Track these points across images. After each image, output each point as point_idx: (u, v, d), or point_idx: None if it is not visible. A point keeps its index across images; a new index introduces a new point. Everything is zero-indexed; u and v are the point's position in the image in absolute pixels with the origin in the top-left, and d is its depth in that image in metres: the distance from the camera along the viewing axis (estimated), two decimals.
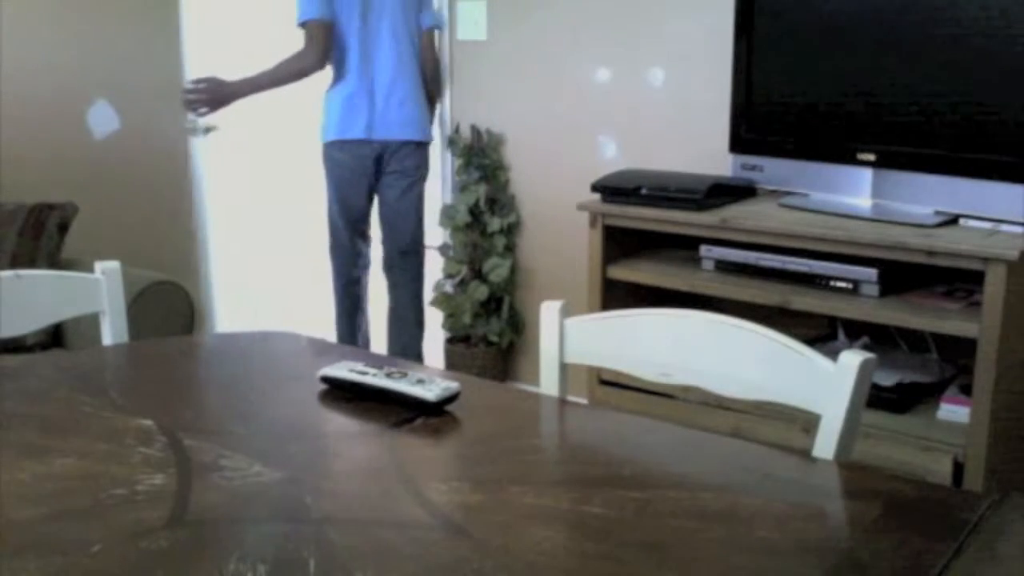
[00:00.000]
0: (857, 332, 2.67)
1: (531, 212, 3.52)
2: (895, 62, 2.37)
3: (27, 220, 2.99)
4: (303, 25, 3.26)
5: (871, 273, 2.34)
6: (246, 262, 4.20)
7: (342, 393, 1.41)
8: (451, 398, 1.35)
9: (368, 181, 3.43)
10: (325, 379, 1.42)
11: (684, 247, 2.81)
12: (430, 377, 1.37)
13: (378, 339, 3.92)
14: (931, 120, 2.34)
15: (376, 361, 1.45)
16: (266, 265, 4.30)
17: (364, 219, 3.49)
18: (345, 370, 1.41)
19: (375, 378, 1.37)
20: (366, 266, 3.56)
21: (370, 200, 3.48)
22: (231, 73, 3.36)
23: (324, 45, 3.27)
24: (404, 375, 1.37)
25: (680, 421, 1.47)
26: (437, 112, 3.62)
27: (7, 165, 3.39)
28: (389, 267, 3.50)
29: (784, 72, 2.59)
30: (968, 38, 2.25)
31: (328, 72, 3.38)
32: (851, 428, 1.26)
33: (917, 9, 2.32)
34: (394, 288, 3.50)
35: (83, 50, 3.59)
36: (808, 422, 2.30)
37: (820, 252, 2.38)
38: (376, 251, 3.55)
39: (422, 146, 3.42)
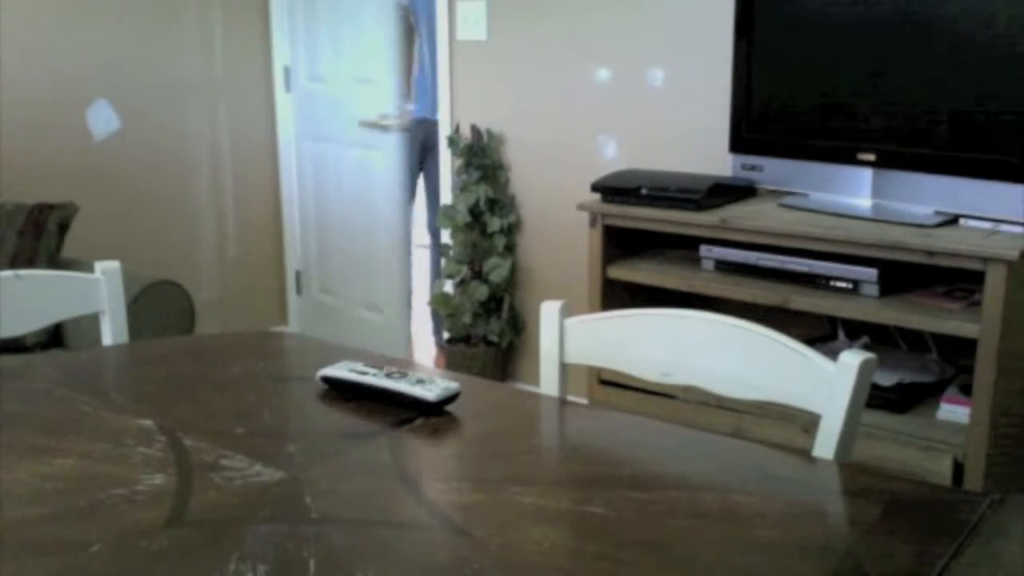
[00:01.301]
0: (857, 332, 2.67)
1: (531, 212, 3.52)
2: (895, 62, 2.37)
3: (27, 220, 2.99)
4: None
5: (871, 273, 2.34)
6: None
7: (342, 393, 1.41)
8: (451, 398, 1.35)
9: (419, 155, 4.15)
10: (325, 379, 1.42)
11: (684, 247, 2.81)
12: (430, 377, 1.37)
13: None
14: (931, 120, 2.34)
15: (376, 361, 1.45)
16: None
17: (414, 190, 4.19)
18: (345, 370, 1.41)
19: (375, 378, 1.37)
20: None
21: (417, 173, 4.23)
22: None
23: None
24: (404, 375, 1.37)
25: (680, 421, 1.47)
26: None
27: (7, 165, 3.39)
28: (433, 230, 4.22)
29: (784, 72, 2.59)
30: (968, 38, 2.25)
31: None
32: (851, 428, 1.26)
33: (917, 9, 2.32)
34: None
35: (83, 50, 3.59)
36: (808, 422, 2.30)
37: (820, 252, 2.38)
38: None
39: None
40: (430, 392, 1.33)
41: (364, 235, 3.94)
